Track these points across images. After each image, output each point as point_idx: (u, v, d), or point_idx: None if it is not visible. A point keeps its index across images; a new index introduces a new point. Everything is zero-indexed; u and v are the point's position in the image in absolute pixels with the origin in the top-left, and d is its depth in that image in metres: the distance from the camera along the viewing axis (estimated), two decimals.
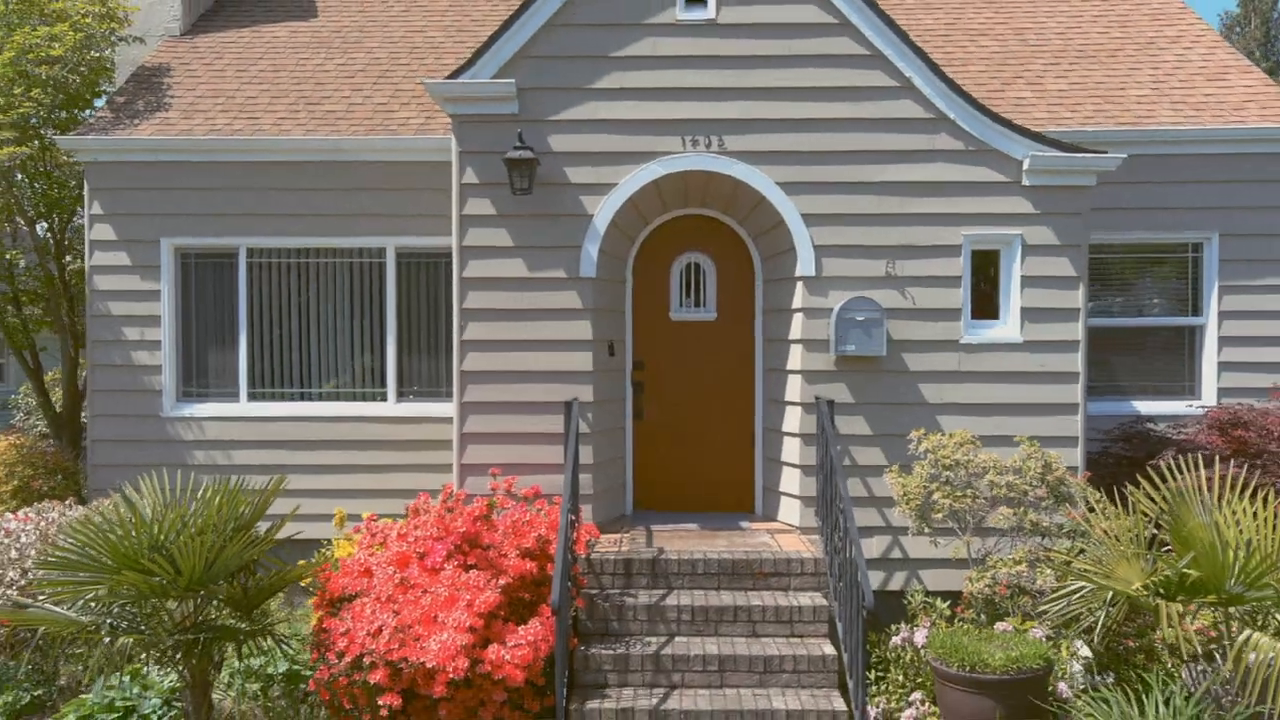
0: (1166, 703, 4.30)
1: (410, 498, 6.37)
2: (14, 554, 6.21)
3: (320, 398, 8.32)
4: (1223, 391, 7.99)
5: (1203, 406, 7.58)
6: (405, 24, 10.13)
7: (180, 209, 8.19)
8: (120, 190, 8.20)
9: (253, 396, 8.29)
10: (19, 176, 9.34)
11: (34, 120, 8.81)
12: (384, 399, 8.27)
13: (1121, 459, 7.17)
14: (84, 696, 5.61)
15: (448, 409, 7.91)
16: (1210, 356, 8.10)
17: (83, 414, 10.30)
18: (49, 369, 11.84)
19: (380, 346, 8.29)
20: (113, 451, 8.16)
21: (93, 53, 8.98)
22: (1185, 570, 4.46)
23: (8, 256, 9.49)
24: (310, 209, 8.16)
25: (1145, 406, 8.00)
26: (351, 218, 8.16)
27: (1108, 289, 8.36)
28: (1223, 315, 8.08)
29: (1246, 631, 4.24)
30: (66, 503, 7.09)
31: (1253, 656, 4.16)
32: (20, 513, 6.73)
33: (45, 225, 9.80)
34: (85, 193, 8.30)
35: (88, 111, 9.66)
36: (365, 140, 8.10)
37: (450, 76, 6.66)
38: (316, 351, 8.34)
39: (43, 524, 6.51)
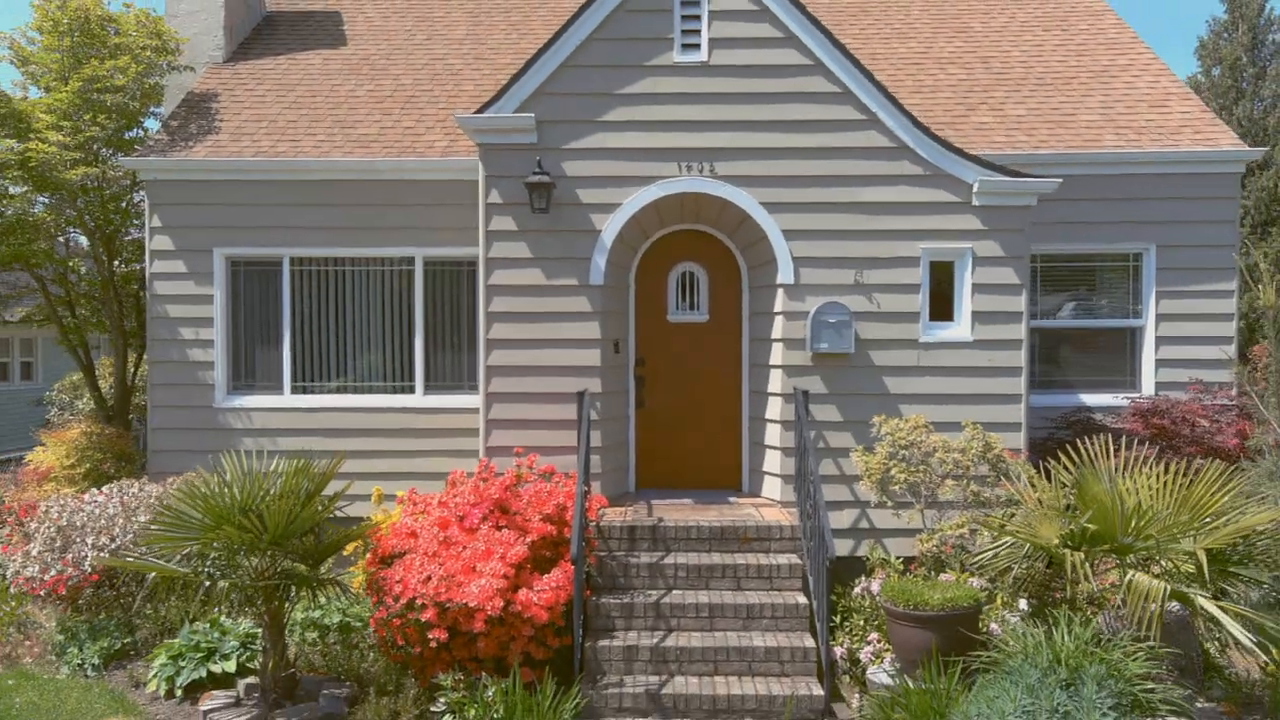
0: (1069, 632, 5.31)
1: (435, 479, 7.39)
2: (103, 522, 7.22)
3: (356, 390, 9.32)
4: (1159, 385, 9.01)
5: (1127, 398, 8.60)
6: (427, 52, 11.14)
7: (231, 222, 9.20)
8: (177, 205, 9.21)
9: (295, 389, 9.29)
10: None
11: (95, 143, 9.80)
12: (412, 391, 9.27)
13: (1064, 443, 8.13)
14: (171, 640, 6.63)
15: (470, 400, 8.98)
16: (1149, 354, 9.13)
17: (130, 405, 11.32)
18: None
19: (409, 344, 9.29)
20: (170, 438, 9.18)
21: (149, 80, 9.96)
22: (1087, 525, 5.50)
23: (70, 264, 10.50)
24: (347, 222, 9.17)
25: (1090, 398, 9.03)
26: (384, 230, 9.17)
27: (1059, 294, 9.39)
28: (1160, 317, 9.12)
29: (1131, 573, 5.27)
30: (142, 481, 8.09)
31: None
32: (104, 489, 7.73)
33: (98, 235, 10.80)
34: (146, 207, 9.30)
35: (135, 130, 10.64)
36: (396, 161, 9.11)
37: (478, 111, 7.67)
38: (352, 349, 9.34)
39: (124, 498, 7.52)
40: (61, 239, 10.76)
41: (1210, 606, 5.07)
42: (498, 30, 11.64)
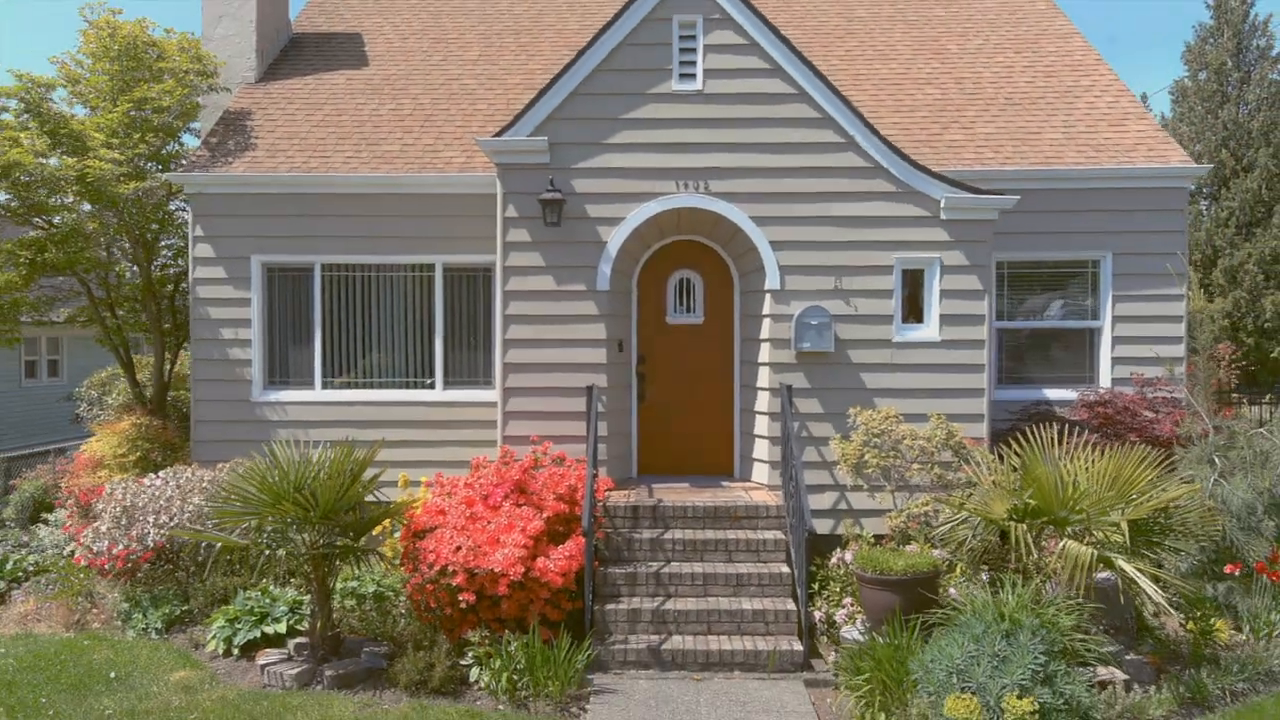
0: (1013, 593, 6.18)
1: (453, 466, 8.22)
2: (163, 503, 8.08)
3: (381, 386, 10.17)
4: (1115, 380, 9.87)
5: (1076, 391, 9.47)
6: (444, 72, 11.99)
7: (267, 232, 10.05)
8: (218, 216, 10.06)
9: (325, 385, 10.15)
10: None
11: (140, 158, 10.65)
12: (432, 387, 10.12)
13: (1025, 433, 9.05)
14: (227, 606, 7.48)
15: (484, 395, 9.84)
16: (1106, 352, 10.00)
17: (167, 399, 12.17)
18: (110, 365, 13.80)
19: (430, 343, 10.15)
20: (212, 429, 10.04)
21: (190, 100, 10.80)
22: (1029, 501, 6.37)
23: (116, 269, 11.36)
24: (373, 232, 10.02)
25: (1051, 393, 9.88)
26: (407, 239, 10.02)
27: (1026, 297, 10.26)
28: (1116, 319, 9.98)
29: (1065, 541, 6.14)
30: (193, 467, 8.94)
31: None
32: (160, 474, 8.58)
33: (139, 243, 11.63)
34: (189, 218, 10.16)
35: (172, 145, 11.49)
36: (418, 177, 9.96)
37: (496, 135, 8.54)
38: (377, 348, 10.20)
39: (179, 482, 8.37)
40: (106, 247, 11.54)
41: (1128, 568, 5.94)
42: (508, 51, 12.49)
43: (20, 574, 8.99)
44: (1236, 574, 7.12)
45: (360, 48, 12.55)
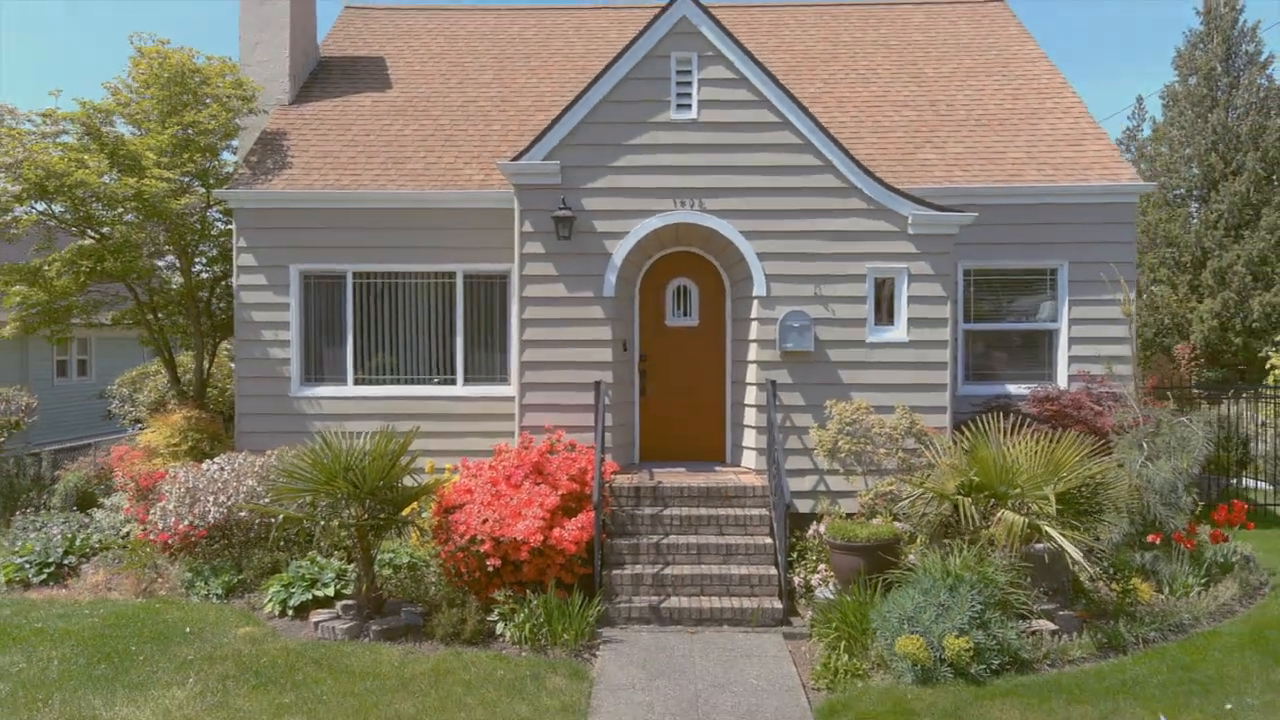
0: (959, 556, 7.25)
1: (473, 454, 9.24)
2: (219, 485, 9.15)
3: (407, 382, 11.23)
4: (1072, 377, 10.95)
5: (1028, 387, 10.54)
6: (461, 94, 13.06)
7: (304, 243, 11.12)
8: (260, 229, 11.14)
9: (357, 381, 11.22)
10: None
11: (187, 176, 11.72)
12: (454, 383, 11.19)
13: (981, 423, 10.12)
14: (280, 574, 8.55)
15: (501, 390, 10.92)
16: (1063, 352, 11.08)
17: (206, 394, 13.24)
18: (137, 364, 14.86)
19: (451, 343, 11.22)
20: (254, 421, 11.11)
21: (232, 123, 11.88)
22: (974, 478, 7.45)
23: (163, 276, 12.43)
24: (400, 243, 11.09)
25: (1013, 388, 10.96)
26: (430, 249, 11.09)
27: (991, 301, 11.33)
28: (1071, 321, 11.06)
29: (1002, 511, 7.22)
30: (243, 454, 10.00)
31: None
32: (215, 460, 9.65)
33: (181, 252, 12.71)
34: (234, 230, 11.23)
35: (212, 162, 12.55)
36: (441, 193, 11.02)
37: (513, 159, 9.62)
38: (404, 348, 11.26)
39: (234, 466, 9.44)
40: (153, 257, 12.62)
41: (1054, 533, 7.02)
42: (520, 74, 13.56)
43: (88, 550, 10.03)
44: (1159, 543, 8.20)
45: (383, 71, 13.63)
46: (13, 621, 8.01)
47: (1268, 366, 22.19)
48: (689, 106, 9.66)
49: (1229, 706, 5.95)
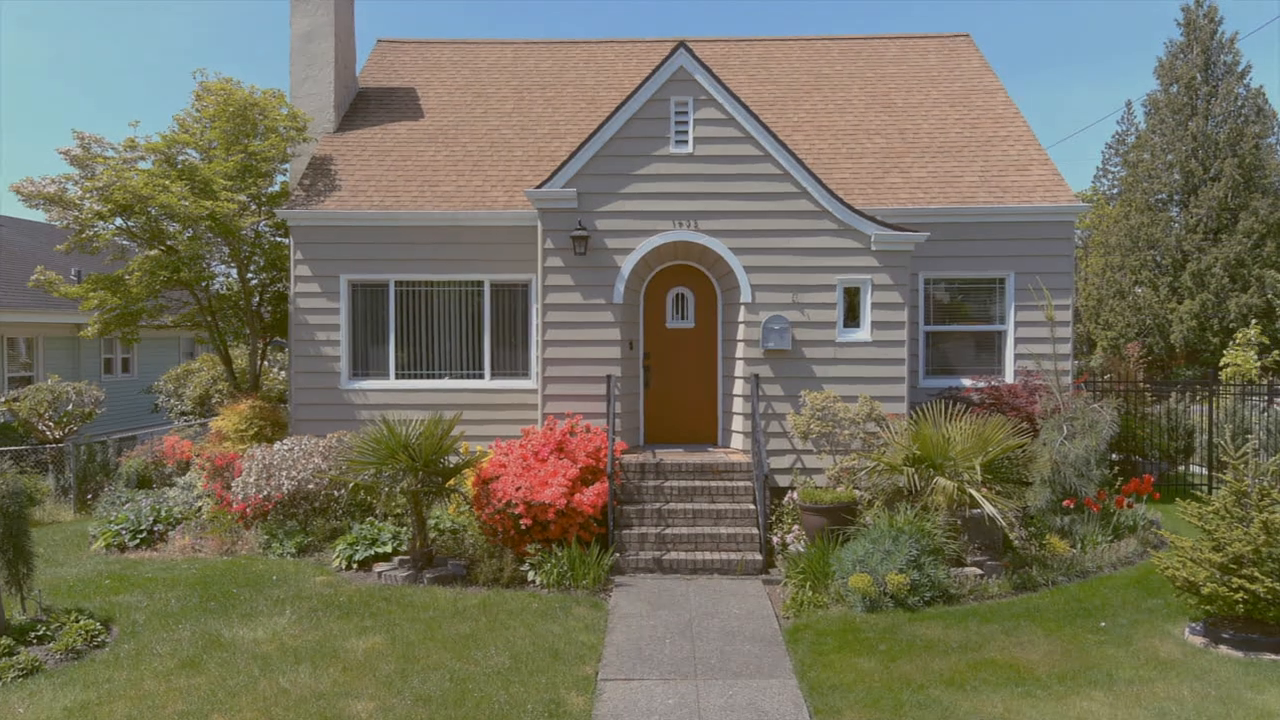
0: (903, 514, 8.94)
1: (501, 438, 10.94)
2: (290, 462, 10.85)
3: (441, 376, 12.93)
4: (1017, 372, 12.64)
5: (984, 380, 12.24)
6: (485, 124, 14.77)
7: (352, 256, 12.82)
8: (314, 244, 12.84)
9: (398, 376, 12.93)
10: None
11: (249, 198, 13.43)
12: (481, 377, 12.89)
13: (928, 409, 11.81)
14: (346, 535, 10.24)
15: (522, 384, 12.62)
16: (1010, 350, 12.78)
17: (259, 388, 14.94)
18: (172, 362, 16.54)
19: (479, 343, 12.92)
20: (308, 410, 12.81)
21: (286, 151, 13.60)
22: (916, 451, 9.15)
23: (222, 282, 14.14)
24: (435, 256, 12.79)
25: (966, 381, 12.65)
26: (461, 261, 12.79)
27: (949, 306, 13.02)
28: (1017, 324, 12.76)
29: (937, 478, 8.93)
30: (307, 437, 11.69)
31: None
32: (284, 442, 11.35)
33: (239, 264, 14.40)
34: (291, 245, 12.93)
35: (269, 184, 14.25)
36: (470, 213, 12.73)
37: (537, 187, 11.31)
38: (438, 347, 12.96)
39: (302, 447, 11.13)
40: (213, 266, 14.34)
41: (975, 494, 8.72)
42: (537, 104, 15.27)
43: (171, 520, 11.73)
44: (1073, 508, 9.90)
45: (415, 101, 15.33)
46: (127, 573, 9.72)
47: (1222, 364, 23.83)
48: (686, 142, 11.36)
49: (1103, 624, 7.66)
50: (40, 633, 7.61)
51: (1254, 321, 29.20)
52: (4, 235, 23.23)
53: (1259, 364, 23.90)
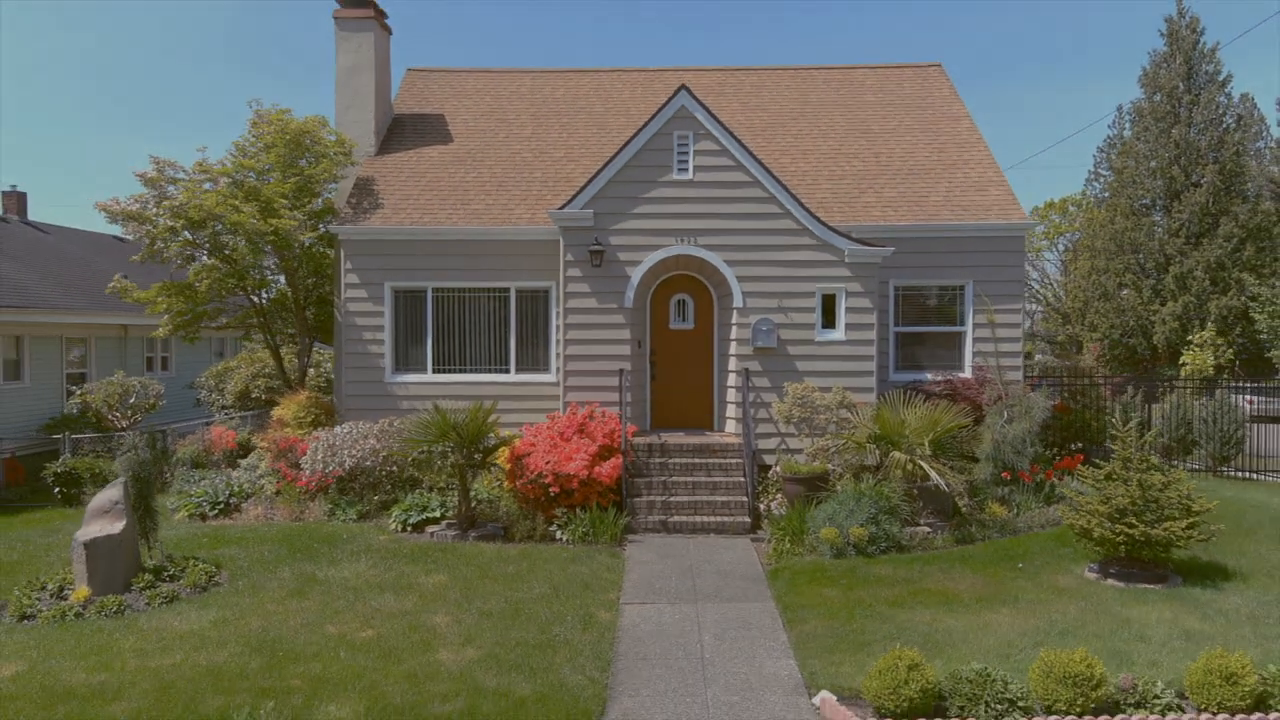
0: (866, 482, 10.83)
1: (527, 424, 12.88)
2: (350, 443, 12.74)
3: (472, 371, 14.82)
4: (974, 368, 14.56)
5: (948, 375, 14.16)
6: (507, 147, 16.67)
7: (395, 266, 14.71)
8: (362, 255, 14.73)
9: (435, 370, 14.82)
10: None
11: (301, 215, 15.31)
12: (508, 371, 14.79)
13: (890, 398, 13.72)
14: (397, 504, 12.13)
15: (544, 378, 14.52)
16: (969, 348, 14.70)
17: (306, 381, 16.82)
18: (204, 361, 18.41)
19: (505, 342, 14.81)
20: (356, 401, 14.70)
21: (335, 174, 15.50)
22: (876, 430, 11.07)
23: (281, 290, 16.03)
24: (467, 266, 14.68)
25: (930, 375, 14.55)
26: (490, 270, 14.69)
27: (917, 309, 14.93)
28: (975, 326, 14.68)
29: (893, 452, 10.84)
30: (360, 423, 13.57)
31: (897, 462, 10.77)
32: (342, 427, 13.23)
33: (290, 273, 16.24)
34: (341, 256, 14.81)
35: (318, 203, 16.12)
36: (498, 229, 14.62)
37: (560, 208, 13.22)
38: (470, 345, 14.85)
39: (359, 430, 13.02)
40: (266, 274, 16.23)
41: (924, 465, 10.63)
42: (553, 130, 17.17)
43: (241, 494, 13.60)
44: (1010, 480, 11.82)
45: (445, 127, 17.23)
46: (217, 533, 11.62)
47: (1180, 363, 25.71)
48: (686, 169, 13.27)
49: (1020, 566, 9.59)
50: (170, 572, 9.52)
51: (1209, 324, 30.94)
52: (54, 243, 25.12)
53: (1214, 362, 25.76)
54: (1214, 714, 6.05)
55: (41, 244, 24.61)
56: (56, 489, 14.79)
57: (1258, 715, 6.01)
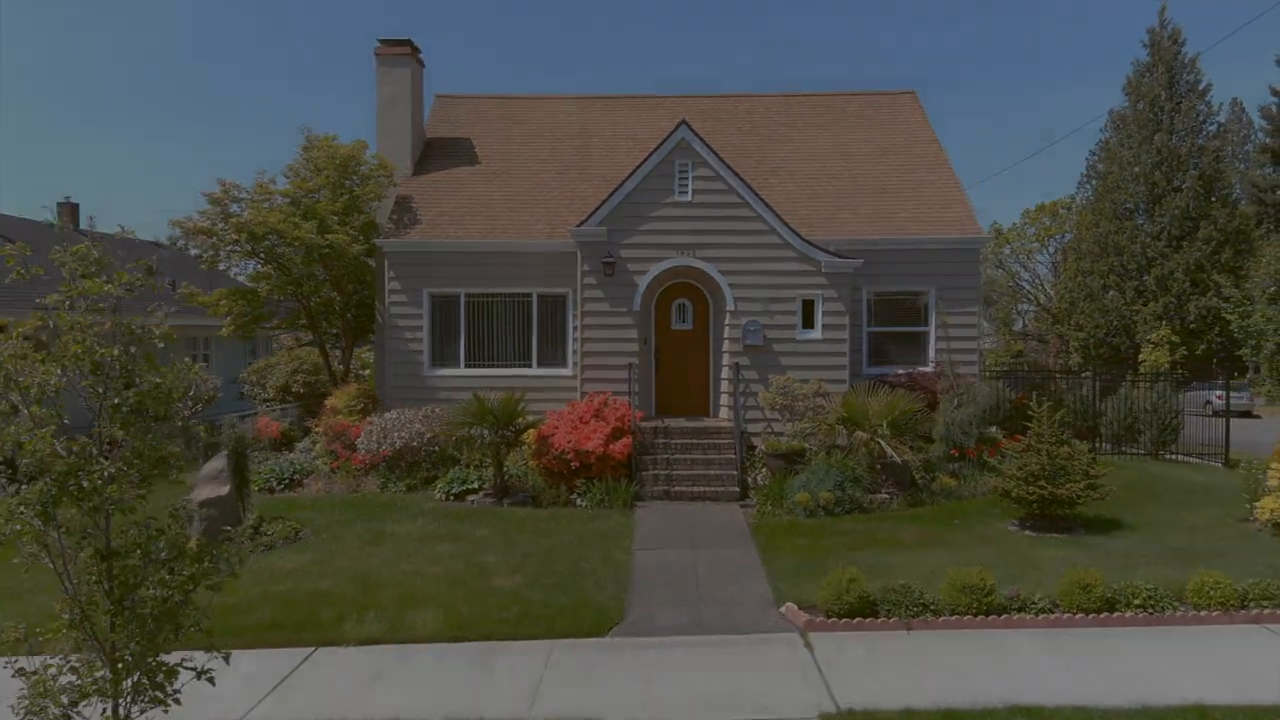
0: (836, 456, 13.00)
1: (546, 411, 15.08)
2: (398, 426, 14.92)
3: (499, 366, 16.99)
4: (934, 363, 16.72)
5: (901, 369, 16.35)
6: (527, 167, 18.83)
7: (432, 274, 16.89)
8: (403, 265, 16.91)
9: (467, 365, 16.99)
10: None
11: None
12: (530, 366, 16.96)
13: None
14: (439, 478, 14.30)
15: (561, 372, 16.71)
16: (932, 346, 16.87)
17: (350, 375, 18.99)
18: (240, 358, 20.60)
19: (528, 340, 16.99)
20: (397, 392, 16.88)
21: (378, 193, 17.69)
22: (843, 414, 13.27)
23: (323, 293, 18.22)
24: (495, 274, 16.86)
25: (900, 369, 16.71)
26: (515, 278, 16.86)
27: (887, 313, 17.09)
28: (937, 327, 16.85)
29: (857, 431, 13.03)
30: (403, 410, 15.74)
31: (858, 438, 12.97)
32: (391, 412, 15.40)
33: (336, 281, 18.37)
34: (385, 266, 16.99)
35: (362, 219, 18.29)
36: (522, 242, 16.80)
37: (578, 226, 15.41)
38: (498, 343, 17.03)
39: (405, 415, 15.19)
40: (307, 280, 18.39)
41: (881, 442, 12.81)
42: (568, 152, 19.34)
43: (304, 471, 15.75)
44: (959, 456, 14.00)
45: (472, 149, 19.41)
46: (290, 502, 13.80)
47: (1140, 359, 27.88)
48: (686, 192, 15.45)
49: (956, 522, 11.77)
50: (262, 529, 11.70)
51: (1163, 324, 32.72)
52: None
53: (1170, 359, 27.86)
54: (1073, 614, 8.24)
55: None
56: None
57: (1105, 614, 8.20)
